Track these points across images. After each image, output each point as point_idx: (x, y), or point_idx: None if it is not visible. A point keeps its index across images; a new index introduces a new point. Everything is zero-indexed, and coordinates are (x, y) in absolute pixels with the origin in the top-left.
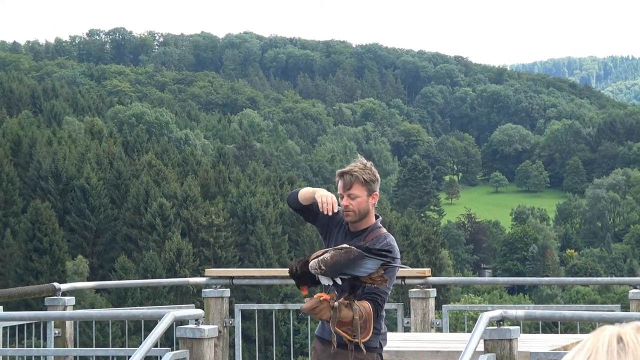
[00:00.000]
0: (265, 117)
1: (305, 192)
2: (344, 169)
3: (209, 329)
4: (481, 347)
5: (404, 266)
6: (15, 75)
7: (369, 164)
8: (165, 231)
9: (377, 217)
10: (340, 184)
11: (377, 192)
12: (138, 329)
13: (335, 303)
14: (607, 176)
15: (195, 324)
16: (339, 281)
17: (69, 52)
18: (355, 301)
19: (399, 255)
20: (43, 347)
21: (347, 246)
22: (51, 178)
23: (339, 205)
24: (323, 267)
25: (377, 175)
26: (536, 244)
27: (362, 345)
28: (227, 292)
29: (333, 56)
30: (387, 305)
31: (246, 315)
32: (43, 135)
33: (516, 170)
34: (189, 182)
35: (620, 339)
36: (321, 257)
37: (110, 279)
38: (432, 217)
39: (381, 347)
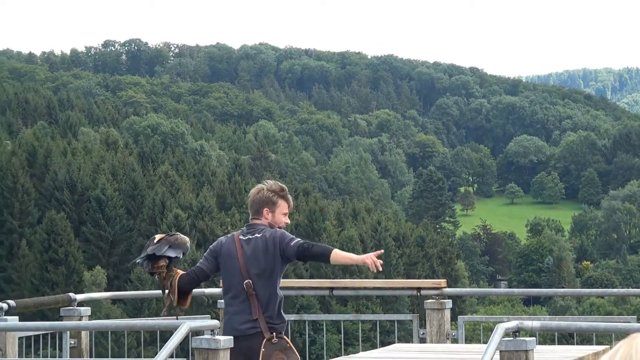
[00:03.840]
0: (281, 128)
1: (344, 259)
2: (285, 191)
3: (225, 340)
4: (497, 359)
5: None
6: (31, 86)
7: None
8: None
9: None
10: (288, 204)
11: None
12: (154, 340)
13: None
14: (623, 188)
15: (211, 334)
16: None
17: (85, 63)
18: (170, 273)
19: (208, 250)
20: (59, 357)
21: (167, 236)
22: (66, 189)
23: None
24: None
25: None
26: (552, 256)
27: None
28: None
29: (348, 67)
30: (402, 316)
31: None
32: (58, 146)
33: (531, 181)
34: (204, 193)
35: None
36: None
37: (126, 290)
38: (448, 228)
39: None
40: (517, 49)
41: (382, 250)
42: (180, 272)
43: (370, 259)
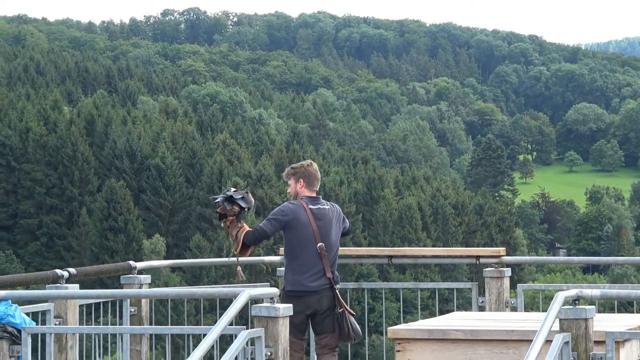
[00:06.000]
0: (339, 97)
1: None
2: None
3: (284, 308)
4: (556, 327)
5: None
6: (91, 55)
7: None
8: None
9: (302, 198)
10: None
11: (302, 180)
12: (212, 308)
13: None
14: None
15: (271, 302)
16: None
17: (144, 31)
18: (238, 223)
19: (274, 215)
20: (119, 325)
21: (241, 189)
22: (126, 157)
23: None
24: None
25: (301, 168)
26: (611, 224)
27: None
28: None
29: (407, 35)
30: (461, 284)
31: None
32: (118, 115)
33: (591, 149)
34: (263, 162)
35: None
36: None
37: (185, 258)
38: (506, 196)
39: (284, 289)
40: (577, 16)
41: None
42: (247, 227)
43: None
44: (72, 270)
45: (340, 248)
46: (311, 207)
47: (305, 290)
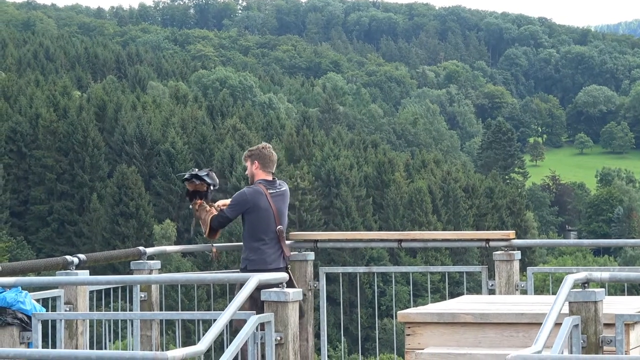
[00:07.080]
0: (349, 81)
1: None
2: None
3: (294, 293)
4: (566, 310)
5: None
6: (100, 40)
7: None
8: None
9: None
10: None
11: (257, 162)
12: (223, 293)
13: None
14: None
15: (280, 287)
16: None
17: (153, 17)
18: (206, 207)
19: (235, 202)
20: (129, 310)
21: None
22: (136, 143)
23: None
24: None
25: (256, 150)
26: (622, 206)
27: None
28: (311, 256)
29: (416, 19)
30: (471, 268)
31: (331, 278)
32: (128, 100)
33: (601, 131)
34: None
35: None
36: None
37: (196, 243)
38: (517, 179)
39: (246, 268)
40: None
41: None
42: (214, 211)
43: None
44: (82, 256)
45: (351, 232)
46: (270, 191)
47: (271, 267)
